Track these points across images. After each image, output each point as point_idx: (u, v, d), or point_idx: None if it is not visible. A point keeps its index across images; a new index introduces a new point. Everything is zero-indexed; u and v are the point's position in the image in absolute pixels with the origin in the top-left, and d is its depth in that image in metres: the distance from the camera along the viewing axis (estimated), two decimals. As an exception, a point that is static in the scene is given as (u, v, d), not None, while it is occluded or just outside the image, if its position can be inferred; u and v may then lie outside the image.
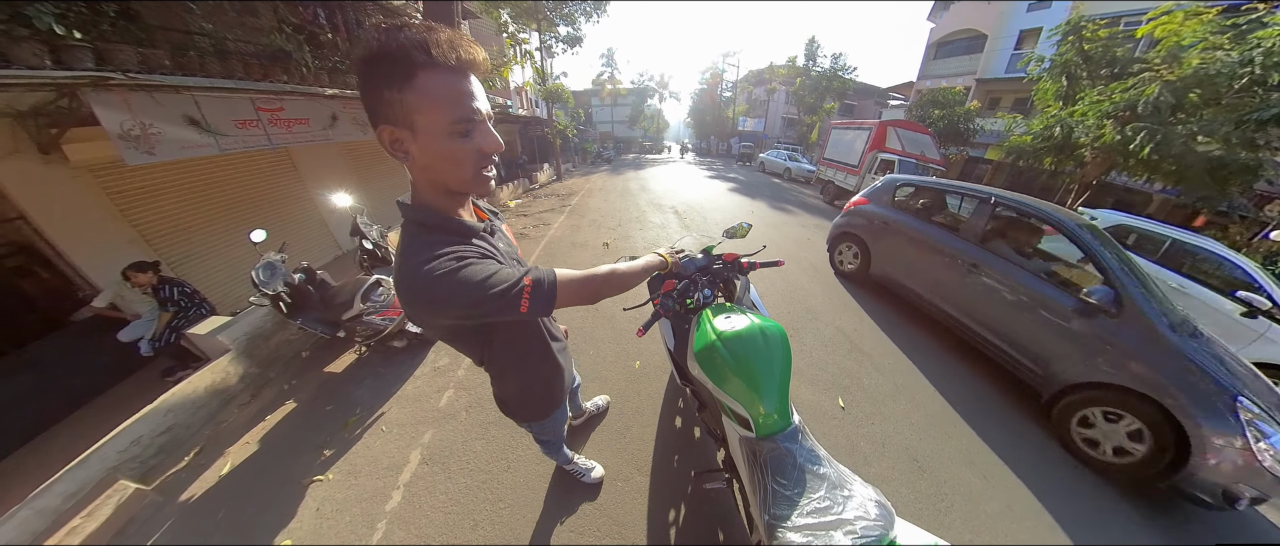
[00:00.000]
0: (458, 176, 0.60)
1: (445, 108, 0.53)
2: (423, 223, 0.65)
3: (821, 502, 0.81)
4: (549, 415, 1.09)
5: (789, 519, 0.80)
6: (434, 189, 0.64)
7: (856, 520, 0.77)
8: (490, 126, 0.60)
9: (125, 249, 2.85)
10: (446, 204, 0.67)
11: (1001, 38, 11.90)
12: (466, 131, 0.56)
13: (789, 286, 3.94)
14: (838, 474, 0.88)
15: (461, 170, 0.59)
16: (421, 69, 0.51)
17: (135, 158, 2.38)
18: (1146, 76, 5.06)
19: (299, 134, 3.55)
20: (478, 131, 0.57)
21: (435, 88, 0.52)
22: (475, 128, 0.57)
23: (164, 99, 2.49)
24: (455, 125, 0.55)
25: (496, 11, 8.74)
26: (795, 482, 0.86)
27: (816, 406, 2.24)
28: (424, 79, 0.52)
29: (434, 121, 0.54)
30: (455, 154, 0.57)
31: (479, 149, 0.58)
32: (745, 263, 1.39)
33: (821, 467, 0.89)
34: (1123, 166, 5.55)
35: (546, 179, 11.50)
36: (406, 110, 0.53)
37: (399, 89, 0.51)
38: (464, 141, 0.57)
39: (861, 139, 8.55)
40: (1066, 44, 6.07)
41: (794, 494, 0.84)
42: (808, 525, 0.78)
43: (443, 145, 0.56)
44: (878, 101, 20.15)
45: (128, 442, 1.75)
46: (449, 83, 0.53)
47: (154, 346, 2.42)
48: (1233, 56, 4.36)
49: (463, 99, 0.54)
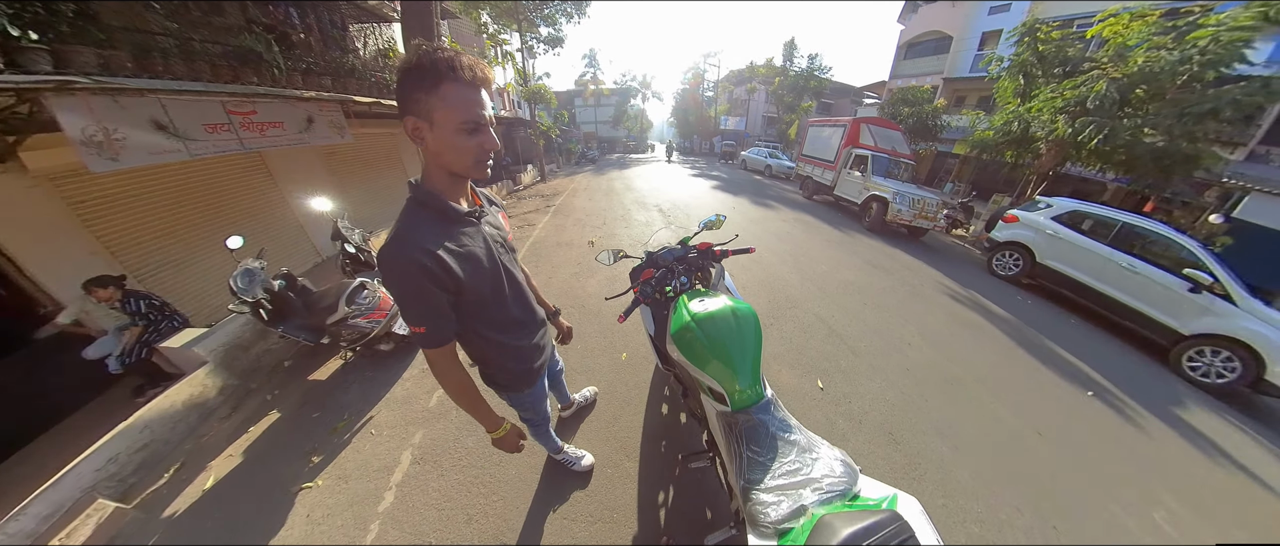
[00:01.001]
0: (461, 163, 0.75)
1: (459, 110, 0.69)
2: (420, 201, 0.79)
3: (792, 466, 0.89)
4: (521, 390, 1.14)
5: (762, 482, 0.87)
6: (440, 172, 0.79)
7: (823, 478, 0.84)
8: (492, 130, 0.75)
9: (89, 262, 2.73)
10: (448, 187, 0.82)
11: (966, 39, 12.50)
12: (473, 130, 0.71)
13: (770, 277, 4.08)
14: (807, 439, 0.95)
15: (464, 159, 0.74)
16: (445, 80, 0.67)
17: (99, 165, 2.28)
18: (1095, 74, 5.45)
19: (273, 137, 3.45)
20: (482, 132, 0.73)
21: (453, 95, 0.68)
22: (480, 129, 0.72)
23: (128, 103, 2.39)
24: (464, 124, 0.70)
25: (476, 12, 8.64)
26: (768, 450, 0.93)
27: (797, 388, 2.35)
28: (446, 88, 0.67)
29: (449, 119, 0.69)
30: (462, 146, 0.72)
31: (480, 145, 0.74)
32: (718, 250, 1.47)
33: (792, 435, 0.96)
34: (1075, 157, 5.94)
35: (530, 180, 11.42)
36: (429, 108, 0.68)
37: (427, 92, 0.67)
38: (470, 138, 0.72)
39: (837, 136, 8.82)
40: (1023, 45, 6.46)
41: (767, 460, 0.91)
42: (779, 486, 0.85)
43: (453, 138, 0.71)
44: (853, 100, 20.75)
45: (104, 461, 1.70)
46: (465, 93, 0.69)
47: (123, 363, 2.32)
48: (1173, 55, 4.75)
49: (473, 106, 0.70)
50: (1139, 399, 2.81)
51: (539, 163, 12.17)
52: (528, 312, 1.05)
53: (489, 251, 0.87)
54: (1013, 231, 4.96)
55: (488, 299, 0.89)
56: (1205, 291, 3.33)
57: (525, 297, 1.04)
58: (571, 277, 3.88)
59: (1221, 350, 3.17)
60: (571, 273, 4.01)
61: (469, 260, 0.81)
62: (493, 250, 0.88)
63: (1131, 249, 3.93)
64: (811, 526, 0.72)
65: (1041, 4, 10.25)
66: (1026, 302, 4.38)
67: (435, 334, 0.81)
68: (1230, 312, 3.20)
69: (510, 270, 0.96)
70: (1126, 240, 4.00)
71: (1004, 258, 5.08)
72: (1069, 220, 4.53)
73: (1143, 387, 2.99)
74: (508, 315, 0.97)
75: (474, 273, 0.82)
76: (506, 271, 0.93)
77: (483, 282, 0.85)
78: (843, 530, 0.67)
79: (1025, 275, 4.86)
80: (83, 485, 1.62)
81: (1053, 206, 4.75)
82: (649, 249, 1.56)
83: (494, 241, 0.90)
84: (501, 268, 0.91)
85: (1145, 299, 3.71)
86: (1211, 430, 2.61)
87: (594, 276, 3.88)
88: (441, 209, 0.80)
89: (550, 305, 1.34)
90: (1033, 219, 4.78)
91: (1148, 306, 3.68)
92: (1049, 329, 3.73)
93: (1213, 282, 3.31)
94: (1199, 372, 3.25)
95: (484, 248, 0.86)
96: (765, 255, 4.76)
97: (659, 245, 1.55)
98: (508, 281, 0.94)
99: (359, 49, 4.61)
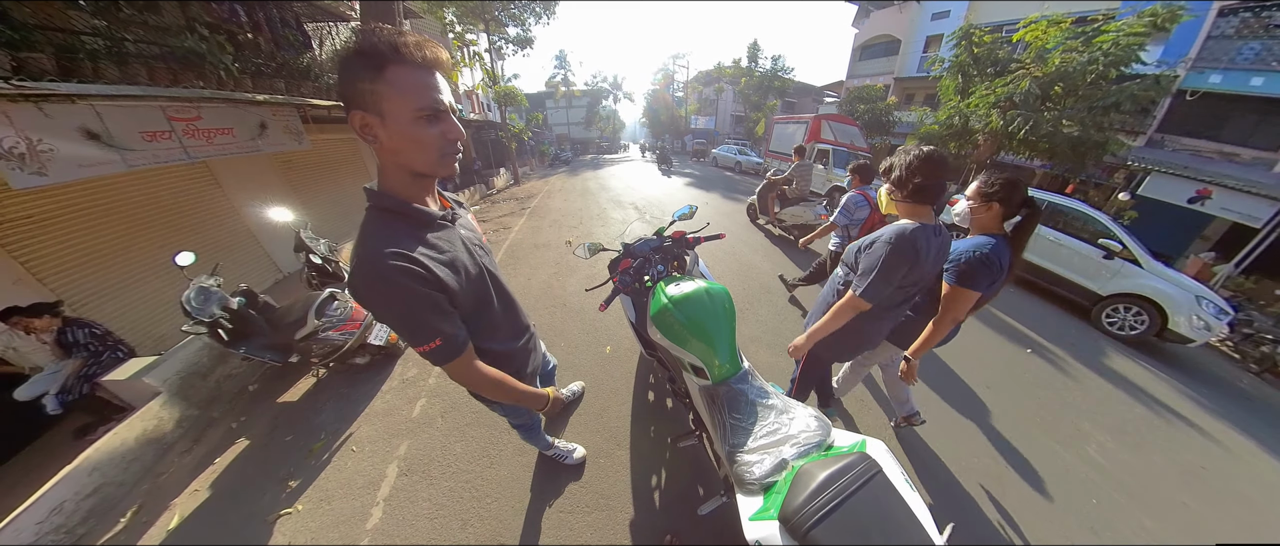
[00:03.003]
0: (424, 159, 0.66)
1: (412, 96, 0.60)
2: (384, 208, 0.69)
3: (771, 427, 0.97)
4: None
5: (745, 445, 0.96)
6: (400, 172, 0.68)
7: (800, 434, 0.93)
8: (455, 118, 0.67)
9: (13, 290, 2.44)
10: (411, 189, 0.71)
11: (912, 42, 13.52)
12: (432, 118, 0.63)
13: (743, 266, 4.26)
14: (784, 403, 1.04)
15: (427, 153, 0.65)
16: (391, 62, 0.58)
17: (22, 181, 2.06)
18: (1021, 73, 6.08)
19: (222, 145, 3.22)
20: (443, 119, 0.64)
21: (403, 79, 0.59)
22: (440, 116, 0.63)
23: (55, 110, 2.17)
24: (420, 112, 0.61)
25: (441, 11, 8.37)
26: (748, 415, 1.02)
27: (774, 366, 2.49)
28: (393, 71, 0.59)
29: (401, 108, 0.60)
30: (422, 138, 0.63)
31: (443, 135, 0.65)
32: (691, 238, 1.56)
33: (769, 400, 1.05)
34: (1008, 147, 6.60)
35: (504, 183, 11.18)
36: (377, 98, 0.59)
37: (371, 80, 0.58)
38: (429, 127, 0.63)
39: (800, 132, 9.30)
40: (960, 48, 7.10)
41: (748, 424, 1.00)
42: (761, 446, 0.94)
43: (410, 130, 0.62)
44: (815, 98, 21.78)
45: (46, 512, 1.54)
46: (416, 76, 0.60)
47: (62, 402, 2.08)
48: (1083, 57, 5.40)
49: (427, 90, 0.61)
50: (1069, 352, 3.23)
51: (511, 166, 11.93)
52: (515, 317, 1.00)
53: (470, 255, 0.79)
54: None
55: (476, 307, 0.82)
56: (1116, 257, 3.83)
57: (512, 302, 0.98)
58: (551, 278, 3.88)
59: (1132, 306, 3.68)
60: (550, 273, 4.01)
61: (453, 267, 0.73)
62: (474, 253, 0.81)
63: (1057, 225, 4.41)
64: (792, 478, 0.80)
65: (978, 4, 11.24)
66: (973, 279, 4.83)
67: (451, 342, 0.71)
68: (1137, 274, 3.70)
69: (494, 273, 0.89)
70: (1052, 218, 4.49)
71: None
72: (1006, 204, 5.04)
73: (1071, 342, 3.43)
74: (496, 322, 0.91)
75: (458, 278, 0.74)
76: (491, 275, 0.87)
77: (470, 290, 0.78)
78: (819, 474, 0.76)
79: (970, 255, 5.35)
80: (23, 541, 1.47)
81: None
82: (625, 241, 1.60)
83: (472, 243, 0.83)
84: (485, 272, 0.84)
85: (1069, 267, 4.21)
86: (1129, 373, 3.04)
87: (574, 275, 3.89)
88: (408, 214, 0.70)
89: None
90: (975, 204, 5.28)
91: (1071, 273, 4.18)
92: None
93: (1122, 249, 3.81)
94: (1115, 327, 3.77)
95: (465, 252, 0.78)
96: (738, 246, 4.95)
97: (635, 236, 1.61)
98: (493, 286, 0.88)
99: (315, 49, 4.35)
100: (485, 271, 0.84)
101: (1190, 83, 7.73)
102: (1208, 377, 3.33)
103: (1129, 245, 3.79)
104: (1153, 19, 5.05)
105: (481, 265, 0.82)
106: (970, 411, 2.29)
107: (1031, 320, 3.73)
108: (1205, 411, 2.69)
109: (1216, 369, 3.66)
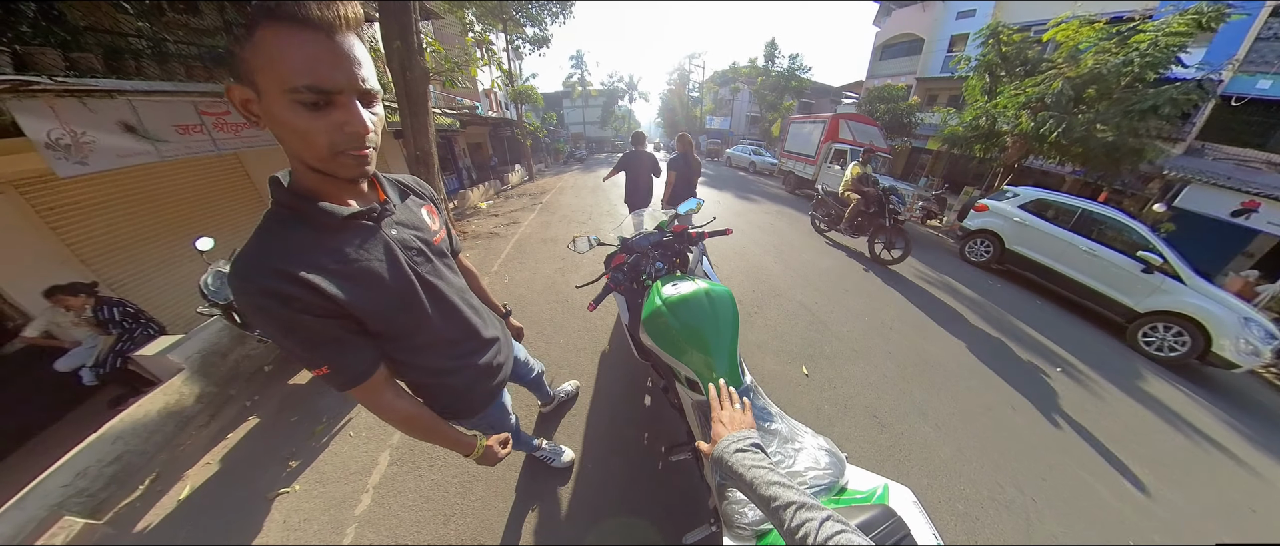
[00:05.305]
0: (310, 153, 0.50)
1: (286, 69, 0.44)
2: (280, 203, 0.56)
3: (773, 457, 0.81)
4: (475, 414, 0.93)
5: None
6: (299, 164, 0.54)
7: (807, 471, 0.78)
8: (358, 105, 0.49)
9: (58, 270, 2.63)
10: (321, 186, 0.56)
11: (936, 41, 13.00)
12: (314, 104, 0.46)
13: (753, 267, 4.18)
14: (790, 428, 0.90)
15: (311, 147, 0.49)
16: (262, 21, 0.43)
17: (67, 169, 2.21)
18: (1052, 73, 5.75)
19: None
20: (336, 107, 0.47)
21: (274, 46, 0.44)
22: (330, 102, 0.47)
23: (97, 105, 2.32)
24: (293, 93, 0.45)
25: (461, 11, 8.59)
26: None
27: (782, 376, 2.39)
28: (263, 34, 0.43)
29: (271, 84, 0.45)
30: (300, 127, 0.47)
31: (336, 127, 0.48)
32: (694, 233, 1.44)
33: (773, 424, 0.90)
34: (1037, 150, 6.25)
35: (518, 180, 11.39)
36: (248, 69, 0.45)
37: (242, 44, 0.45)
38: (312, 116, 0.46)
39: (817, 131, 9.06)
40: (987, 46, 6.79)
41: None
42: None
43: (285, 115, 0.46)
44: (832, 99, 21.25)
45: (71, 476, 1.63)
46: (292, 42, 0.44)
47: (98, 374, 2.25)
48: (1118, 58, 5.06)
49: (312, 63, 0.44)
50: (1102, 373, 2.95)
51: (526, 162, 12.14)
52: (464, 330, 0.81)
53: (392, 262, 0.64)
54: (984, 220, 5.18)
55: (398, 321, 0.67)
56: (1156, 271, 3.55)
57: (458, 313, 0.79)
58: (556, 272, 3.90)
59: (1172, 325, 3.38)
60: (556, 267, 4.03)
61: (357, 278, 0.59)
62: (400, 259, 0.65)
63: (1091, 234, 4.16)
64: None
65: (1006, 3, 10.73)
66: (997, 286, 4.58)
67: (343, 372, 0.59)
68: (1179, 290, 3.41)
69: (431, 281, 0.71)
70: (1086, 226, 4.23)
71: (975, 245, 5.30)
72: (1035, 208, 4.76)
73: (1104, 362, 3.14)
74: (433, 336, 0.74)
75: (367, 292, 0.60)
76: (425, 283, 0.69)
77: (387, 302, 0.63)
78: None
79: (995, 261, 5.07)
80: (48, 503, 1.55)
81: (1020, 195, 4.98)
82: (623, 234, 1.51)
83: (404, 246, 0.66)
84: (415, 280, 0.67)
85: (1104, 280, 3.93)
86: (1168, 399, 2.77)
87: (578, 271, 3.90)
88: (310, 216, 0.56)
89: (500, 306, 1.14)
90: (1002, 207, 5.00)
91: (1106, 287, 3.90)
92: (1018, 310, 3.91)
93: (1163, 263, 3.52)
94: (1154, 347, 3.46)
95: (384, 258, 0.63)
96: (749, 246, 4.87)
97: (634, 230, 1.53)
98: (428, 296, 0.70)
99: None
100: (416, 280, 0.68)
101: (1235, 87, 7.16)
102: (1253, 406, 3.01)
103: (1170, 258, 3.51)
104: (1197, 18, 4.66)
105: (410, 272, 0.67)
106: (995, 434, 2.12)
107: (1061, 336, 3.47)
108: (1252, 445, 2.42)
109: (1261, 397, 3.28)
